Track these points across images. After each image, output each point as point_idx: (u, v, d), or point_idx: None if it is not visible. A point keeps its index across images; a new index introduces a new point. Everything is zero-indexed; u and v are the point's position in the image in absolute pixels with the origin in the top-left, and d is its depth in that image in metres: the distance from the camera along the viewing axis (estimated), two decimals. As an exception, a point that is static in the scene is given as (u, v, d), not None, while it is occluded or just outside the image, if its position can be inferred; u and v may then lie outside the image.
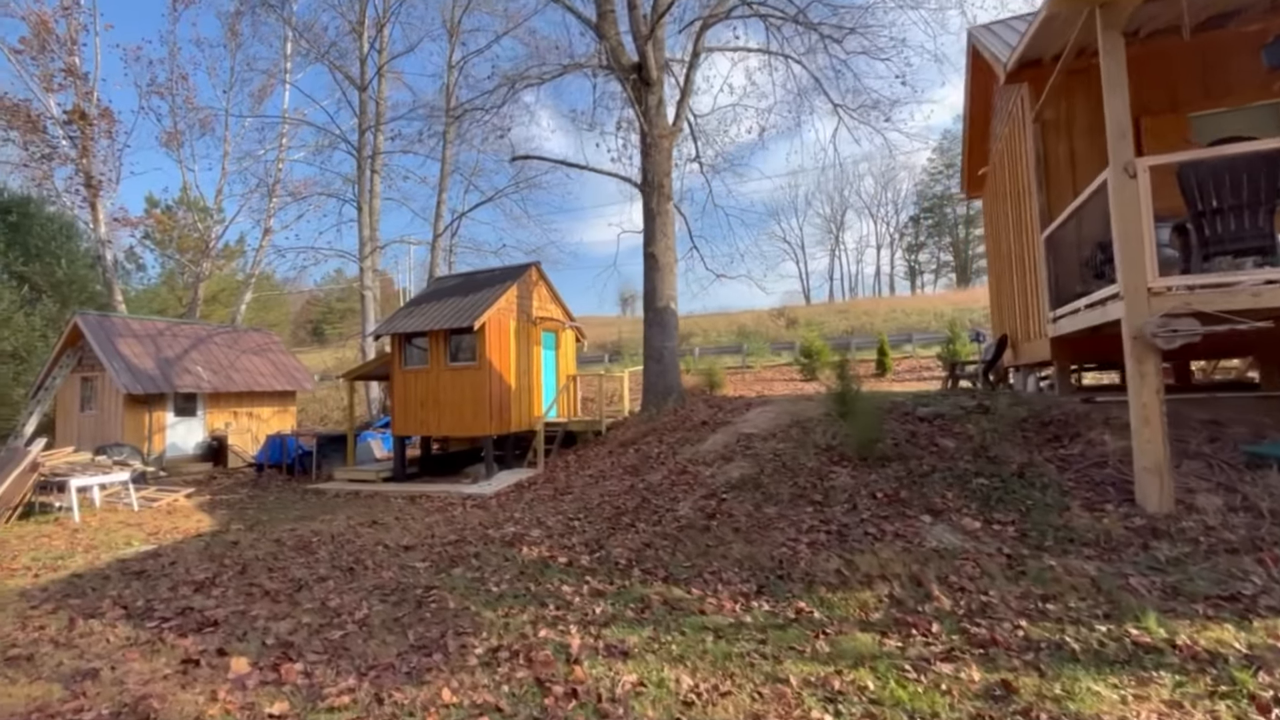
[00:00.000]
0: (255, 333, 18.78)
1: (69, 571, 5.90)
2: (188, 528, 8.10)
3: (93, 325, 14.34)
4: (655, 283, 11.04)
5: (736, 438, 8.37)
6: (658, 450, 9.30)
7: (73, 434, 14.94)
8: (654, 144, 11.11)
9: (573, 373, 13.46)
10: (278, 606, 4.60)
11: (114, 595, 5.04)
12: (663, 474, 7.95)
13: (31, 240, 22.22)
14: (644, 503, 6.82)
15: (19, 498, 9.31)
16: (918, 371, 16.63)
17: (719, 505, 6.04)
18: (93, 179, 19.84)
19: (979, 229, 56.25)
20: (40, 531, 8.16)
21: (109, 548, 7.03)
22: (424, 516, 8.17)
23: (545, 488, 9.39)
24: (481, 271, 12.76)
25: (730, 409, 10.38)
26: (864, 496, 5.36)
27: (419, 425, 11.26)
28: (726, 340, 37.74)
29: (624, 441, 10.37)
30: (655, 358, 11.01)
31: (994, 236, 9.86)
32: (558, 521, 6.81)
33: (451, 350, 10.98)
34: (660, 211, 11.10)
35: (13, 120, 20.75)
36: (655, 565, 4.96)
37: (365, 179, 18.17)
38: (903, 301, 45.29)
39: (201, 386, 14.85)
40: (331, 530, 7.45)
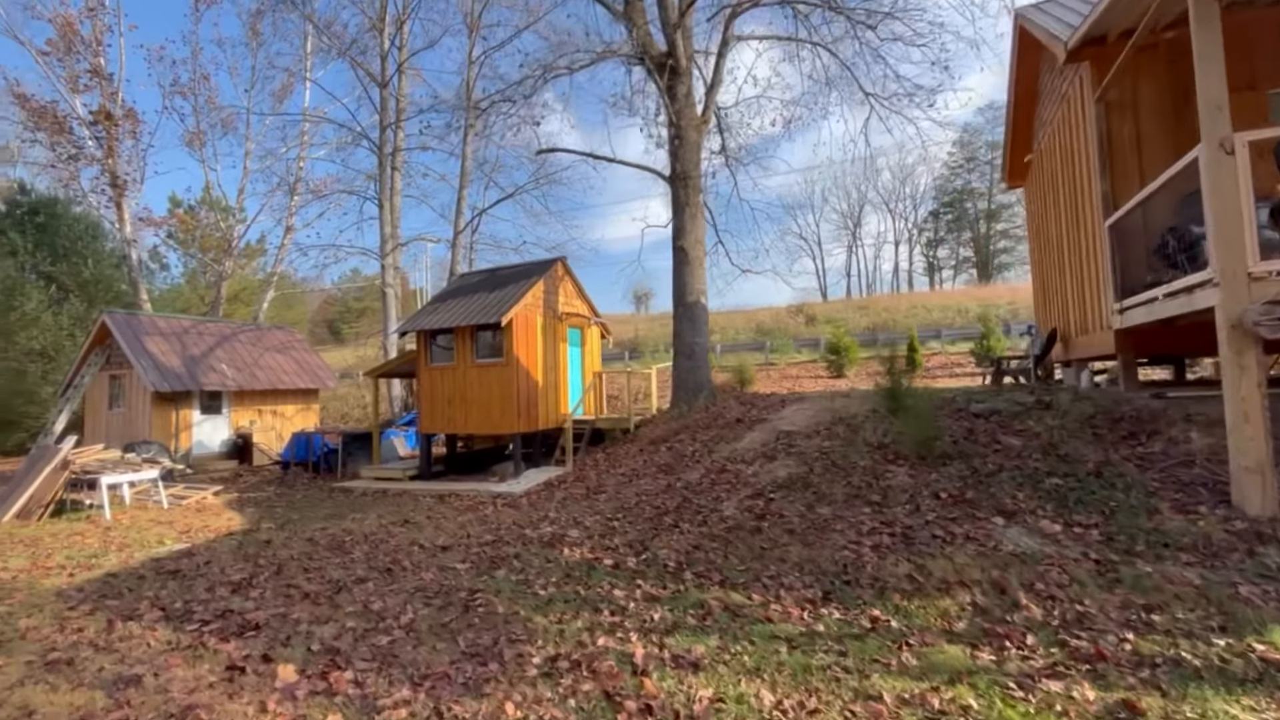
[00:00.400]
0: (278, 330, 18.80)
1: (104, 571, 5.80)
2: (218, 526, 8.00)
3: (120, 324, 14.40)
4: (685, 277, 10.79)
5: (775, 435, 8.12)
6: (692, 448, 9.06)
7: (101, 432, 15.03)
8: (683, 135, 10.86)
9: (598, 370, 13.25)
10: (319, 609, 4.44)
11: (151, 596, 4.91)
12: (700, 472, 7.71)
13: (59, 240, 22.47)
14: (685, 503, 6.60)
15: (50, 495, 9.30)
16: (949, 368, 16.22)
17: (767, 505, 5.80)
18: (118, 179, 19.99)
19: (1001, 224, 55.39)
20: (72, 529, 8.11)
21: (142, 546, 6.94)
22: (456, 516, 8.01)
23: (576, 487, 9.20)
24: (506, 267, 12.61)
25: (764, 406, 10.12)
26: (926, 497, 5.08)
27: (445, 423, 11.12)
28: (745, 338, 37.38)
29: (655, 439, 10.15)
30: (686, 353, 10.76)
31: (1040, 226, 9.49)
32: (596, 522, 6.61)
33: (478, 346, 10.82)
34: (690, 204, 10.84)
35: (40, 121, 20.99)
36: (708, 568, 4.73)
37: (386, 176, 18.11)
38: (923, 297, 44.49)
39: (226, 384, 14.87)
40: (364, 529, 7.31)
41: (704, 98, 11.60)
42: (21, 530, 8.14)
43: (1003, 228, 55.16)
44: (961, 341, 20.28)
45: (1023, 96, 9.60)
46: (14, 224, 21.95)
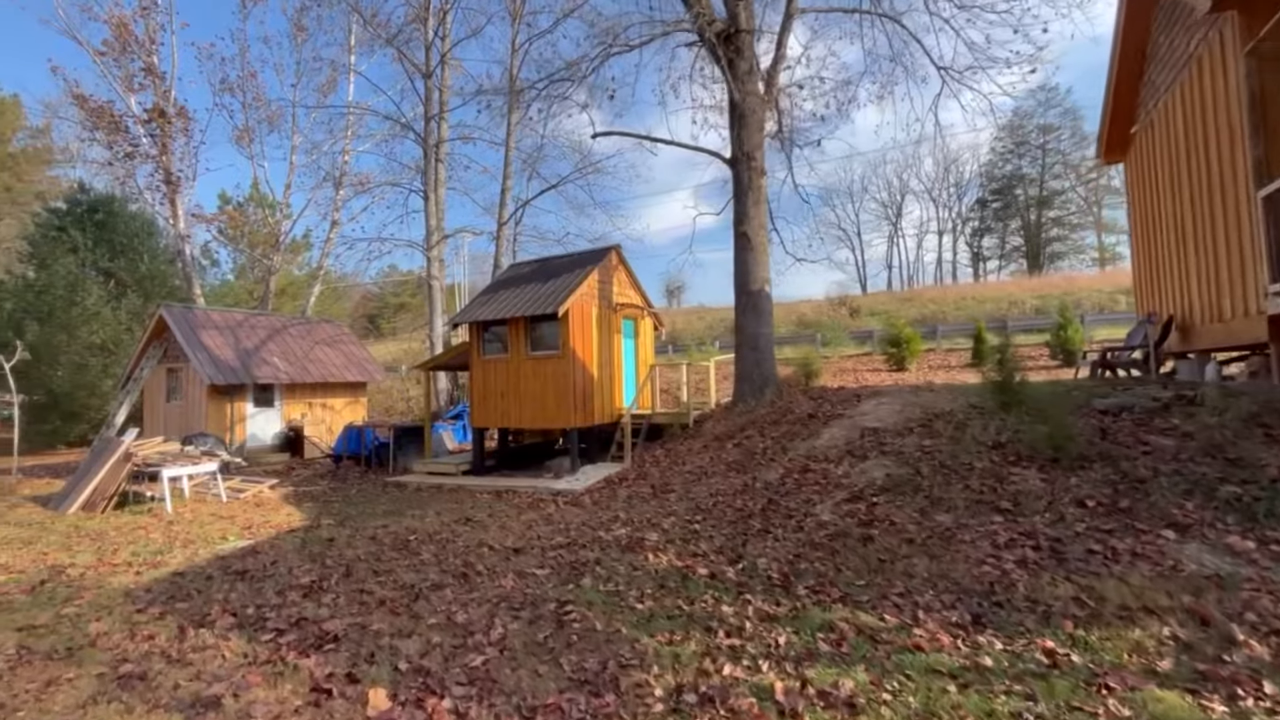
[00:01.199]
0: (327, 324, 18.89)
1: (170, 569, 5.60)
2: (279, 522, 7.83)
3: (177, 317, 14.55)
4: (748, 264, 10.22)
5: (859, 432, 7.52)
6: (763, 445, 8.53)
7: (159, 424, 15.27)
8: (745, 113, 10.26)
9: (652, 362, 12.80)
10: (398, 619, 4.09)
11: (220, 599, 4.65)
12: (779, 471, 7.18)
13: (116, 238, 23.07)
14: (771, 505, 6.08)
15: (114, 488, 9.31)
16: (1020, 360, 15.24)
17: (871, 510, 5.24)
18: (171, 176, 20.35)
19: (1054, 211, 52.80)
20: (136, 523, 8.04)
21: (205, 542, 6.77)
22: (518, 514, 7.66)
23: (640, 484, 8.77)
24: (558, 257, 12.23)
25: (836, 401, 9.51)
26: (1068, 505, 4.46)
27: (499, 417, 10.82)
28: (786, 330, 36.40)
29: (719, 435, 9.64)
30: (750, 345, 10.21)
31: (1149, 203, 8.62)
32: (673, 524, 6.15)
33: (533, 338, 10.47)
34: (753, 187, 10.26)
35: (98, 121, 21.53)
36: (820, 582, 4.22)
37: (431, 168, 17.96)
38: (971, 289, 42.70)
39: (279, 377, 14.92)
40: (426, 528, 7.01)
41: (765, 74, 10.97)
42: (87, 522, 8.12)
43: (1055, 215, 52.64)
44: (1025, 334, 19.16)
45: (1127, 62, 8.72)
46: (74, 222, 22.60)
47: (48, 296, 19.75)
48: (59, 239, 21.91)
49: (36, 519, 8.40)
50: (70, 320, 19.88)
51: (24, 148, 38.26)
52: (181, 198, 21.08)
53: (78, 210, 23.17)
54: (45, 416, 20.14)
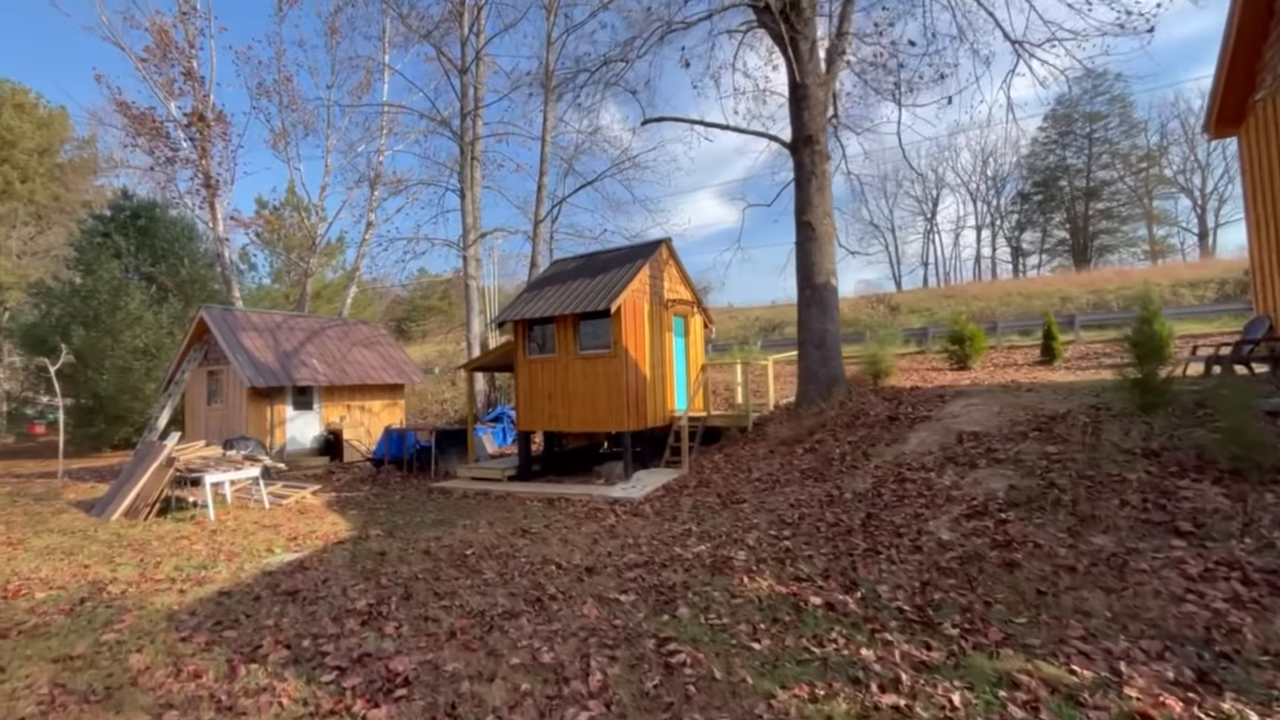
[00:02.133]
0: (364, 325, 18.69)
1: (215, 587, 5.16)
2: (324, 532, 7.39)
3: (217, 318, 14.41)
4: (812, 255, 9.52)
5: (956, 437, 6.78)
6: (839, 450, 7.83)
7: (200, 427, 15.16)
8: (808, 94, 9.57)
9: (703, 362, 12.16)
10: (472, 655, 3.53)
11: (271, 626, 4.15)
12: (868, 480, 6.48)
13: (158, 243, 23.30)
14: (871, 519, 5.40)
15: (156, 494, 9.02)
16: (1093, 358, 14.20)
17: (1003, 529, 4.53)
18: (211, 179, 20.42)
19: (1103, 203, 50.46)
20: (178, 531, 7.69)
21: (250, 555, 6.35)
22: (577, 525, 7.09)
23: (703, 493, 8.13)
24: (605, 251, 11.68)
25: (915, 401, 8.76)
26: (1272, 528, 3.70)
27: (546, 419, 10.29)
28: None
29: (786, 439, 8.96)
30: (815, 342, 9.50)
31: (1274, 181, 7.69)
32: (758, 540, 5.51)
33: (582, 336, 9.92)
34: (816, 173, 9.55)
35: (140, 128, 21.74)
36: (968, 618, 3.54)
37: (467, 165, 17.61)
38: (1016, 285, 40.98)
39: (318, 379, 14.67)
40: (481, 540, 6.48)
41: (827, 52, 10.25)
42: (130, 531, 7.80)
43: (1104, 207, 50.40)
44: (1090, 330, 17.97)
45: (1248, 25, 7.79)
46: (118, 228, 22.88)
47: (93, 301, 19.95)
48: (104, 245, 22.18)
49: (79, 526, 8.12)
50: (114, 324, 20.04)
51: (71, 159, 39.33)
52: (220, 201, 21.17)
53: (121, 216, 23.47)
54: (91, 420, 20.34)
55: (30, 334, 20.69)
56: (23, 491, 11.31)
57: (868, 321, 35.22)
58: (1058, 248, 54.31)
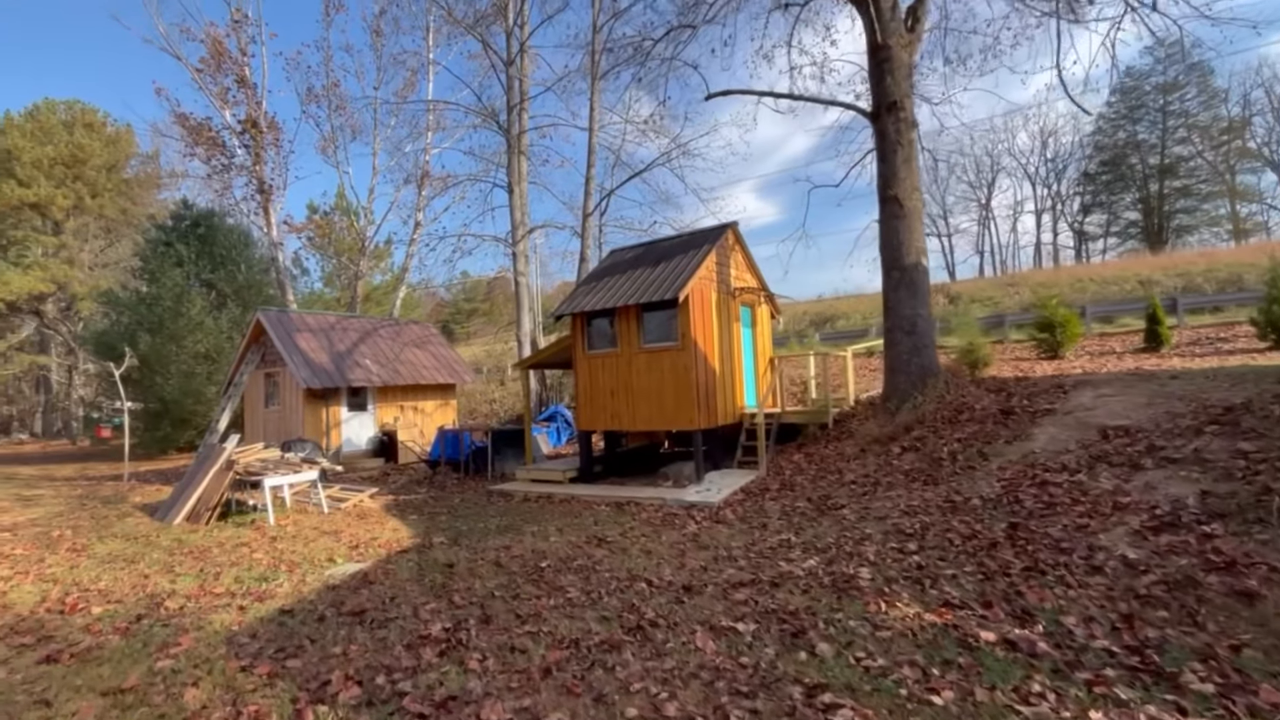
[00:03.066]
0: (415, 325, 18.57)
1: (277, 604, 4.71)
2: (386, 539, 6.96)
3: (273, 320, 14.41)
4: (900, 234, 8.63)
5: (1099, 432, 5.84)
6: (947, 448, 6.96)
7: (259, 430, 15.22)
8: (892, 57, 8.68)
9: (773, 354, 11.36)
10: (577, 702, 2.91)
11: (339, 655, 3.64)
12: (995, 484, 5.62)
13: (216, 250, 23.90)
14: (1016, 530, 4.56)
15: (217, 498, 8.82)
16: (1207, 343, 12.76)
17: (1211, 545, 3.65)
18: (265, 185, 20.71)
19: (1179, 180, 46.73)
20: (239, 537, 7.40)
21: (312, 565, 5.93)
22: (656, 534, 6.44)
23: (788, 497, 7.38)
24: (666, 239, 11.01)
25: (1029, 393, 7.79)
26: None
27: (608, 418, 9.70)
28: (876, 321, 34.06)
29: (877, 437, 8.12)
30: (906, 329, 8.60)
31: None
32: (878, 554, 4.74)
33: (646, 329, 9.28)
34: (903, 143, 8.66)
35: (197, 138, 22.24)
36: (1216, 667, 2.71)
37: (514, 160, 17.24)
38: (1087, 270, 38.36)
39: (372, 380, 14.51)
40: (555, 550, 5.90)
41: (909, 10, 9.30)
42: (191, 536, 7.55)
43: (1181, 184, 46.82)
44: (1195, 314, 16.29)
45: None
46: (179, 237, 23.55)
47: (157, 308, 20.50)
48: (166, 253, 22.84)
49: (142, 531, 7.95)
50: (177, 330, 20.55)
51: (137, 174, 41.15)
52: (274, 206, 21.47)
53: (182, 225, 24.17)
54: (158, 423, 20.93)
55: (101, 341, 21.42)
56: (92, 494, 11.41)
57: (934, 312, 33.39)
58: (1128, 230, 50.82)
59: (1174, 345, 12.93)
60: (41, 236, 33.71)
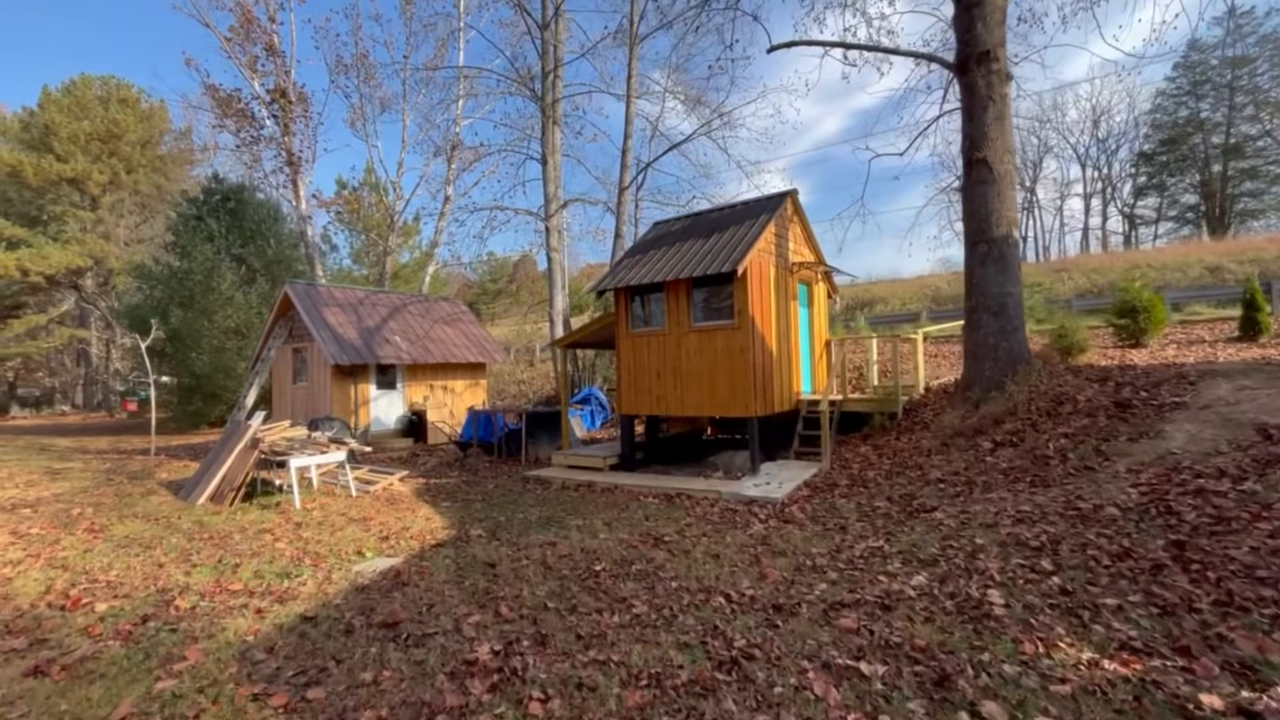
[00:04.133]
0: (445, 302, 18.05)
1: (299, 607, 4.12)
2: (419, 530, 6.37)
3: (301, 294, 13.96)
4: (989, 201, 7.66)
5: (1259, 431, 4.92)
6: (1054, 445, 6.08)
7: (287, 406, 14.89)
8: (984, 0, 7.63)
9: (829, 337, 10.48)
10: (677, 775, 2.21)
11: (369, 683, 3.01)
12: (1129, 489, 4.76)
13: (246, 224, 23.68)
14: (1184, 550, 3.72)
15: (241, 478, 8.36)
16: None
17: None
18: (294, 157, 20.27)
19: (1246, 161, 43.69)
20: (262, 521, 6.90)
21: (338, 559, 5.35)
22: (718, 534, 5.72)
23: (862, 494, 6.59)
24: (715, 208, 10.15)
25: (1143, 384, 6.83)
26: None
27: (653, 402, 8.98)
28: (917, 306, 32.79)
29: (960, 430, 7.25)
30: (994, 309, 7.67)
31: None
32: (1003, 572, 3.95)
33: (697, 305, 8.50)
34: (994, 97, 7.65)
35: (226, 110, 21.87)
36: None
37: (549, 130, 16.44)
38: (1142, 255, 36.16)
39: (401, 357, 14.01)
40: (607, 550, 5.22)
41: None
42: (213, 519, 7.08)
43: (1248, 165, 43.87)
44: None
45: None
46: (210, 211, 23.36)
47: (188, 283, 20.34)
48: (198, 228, 22.68)
49: (165, 511, 7.51)
50: (208, 305, 20.39)
51: (170, 150, 41.39)
52: (303, 179, 21.05)
53: (213, 200, 23.97)
54: (190, 398, 20.90)
55: (134, 315, 21.38)
56: (120, 469, 11.13)
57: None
58: (1186, 214, 47.97)
59: (1274, 334, 11.66)
60: (79, 211, 34.03)
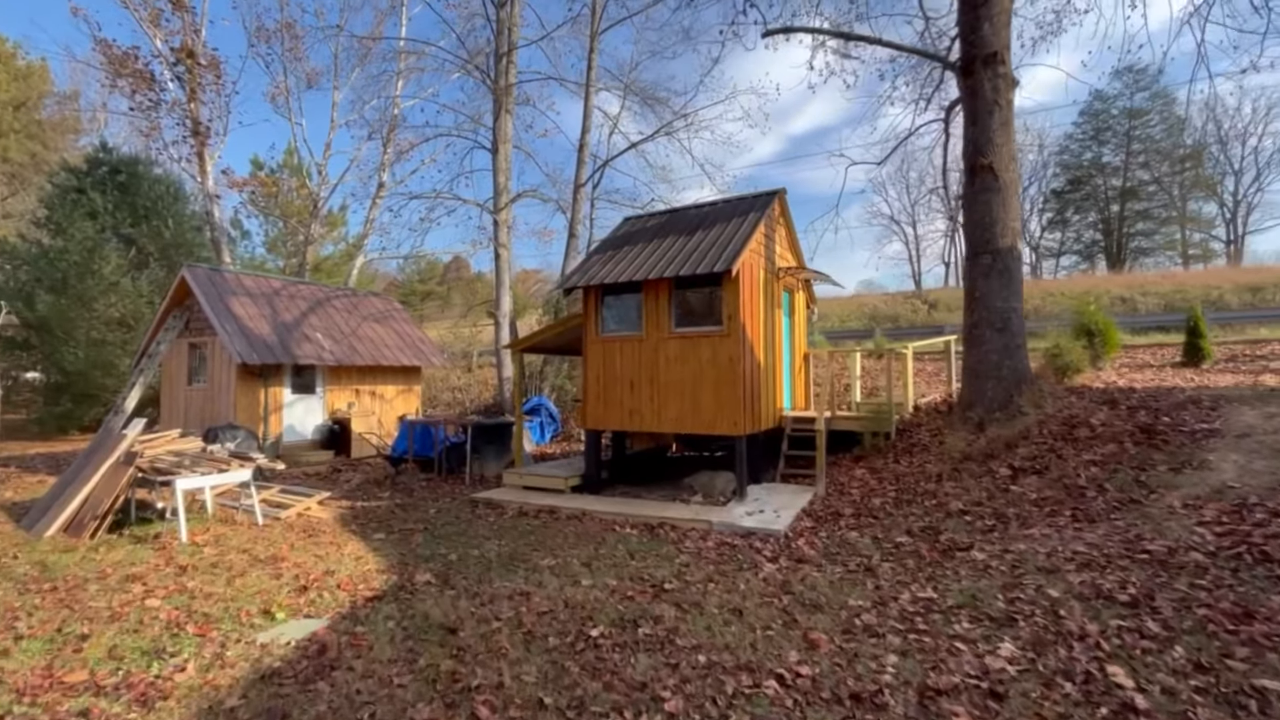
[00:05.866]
0: (375, 297, 16.23)
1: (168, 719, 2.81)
2: (348, 574, 5.03)
3: (202, 279, 11.94)
4: (994, 210, 7.23)
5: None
6: (1084, 474, 5.56)
7: (179, 411, 12.72)
8: (991, 0, 7.24)
9: (806, 350, 9.84)
10: None
11: None
12: (1202, 531, 4.22)
13: (139, 201, 20.80)
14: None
15: (110, 501, 6.62)
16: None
17: None
18: (200, 125, 17.87)
19: (1140, 203, 48.07)
20: (132, 563, 5.32)
21: (236, 622, 3.99)
22: (725, 578, 4.76)
23: (874, 525, 5.85)
24: (695, 205, 9.30)
25: (1156, 407, 6.49)
26: None
27: (625, 416, 7.95)
28: (856, 324, 33.54)
29: (969, 455, 6.68)
30: (997, 325, 7.21)
31: None
32: (1101, 634, 3.23)
33: (679, 308, 7.59)
34: (1000, 102, 7.26)
35: (121, 70, 19.11)
36: None
37: (501, 117, 15.14)
38: (1055, 284, 38.72)
39: (323, 358, 12.24)
40: (597, 603, 4.17)
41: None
42: (63, 561, 5.41)
43: (1142, 207, 48.33)
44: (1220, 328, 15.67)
45: None
46: (95, 184, 20.33)
47: (61, 264, 17.47)
48: (77, 202, 19.68)
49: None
50: (86, 291, 17.57)
51: (52, 116, 36.56)
52: (211, 154, 18.59)
53: (99, 172, 20.90)
54: (56, 398, 17.91)
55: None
56: (-54, 487, 8.89)
57: (911, 318, 33.14)
58: (1089, 249, 52.23)
59: (1215, 360, 12.12)
60: (-72, 177, 29.21)
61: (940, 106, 9.71)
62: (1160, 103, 46.03)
